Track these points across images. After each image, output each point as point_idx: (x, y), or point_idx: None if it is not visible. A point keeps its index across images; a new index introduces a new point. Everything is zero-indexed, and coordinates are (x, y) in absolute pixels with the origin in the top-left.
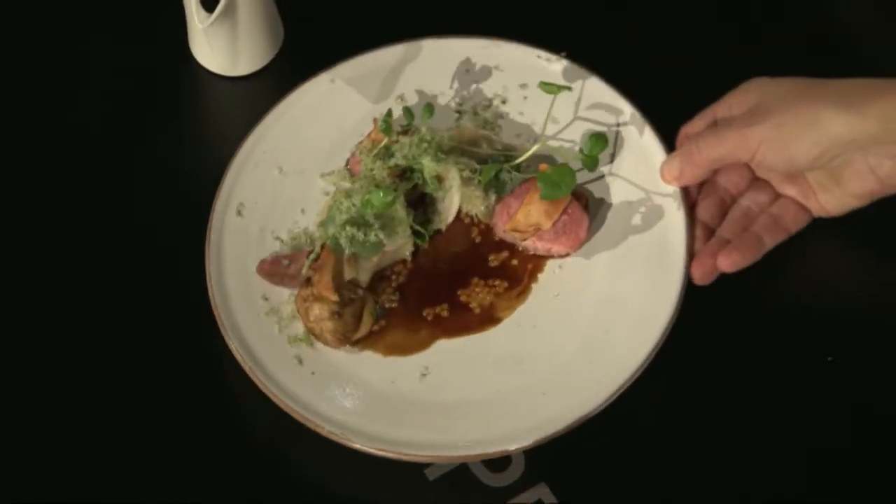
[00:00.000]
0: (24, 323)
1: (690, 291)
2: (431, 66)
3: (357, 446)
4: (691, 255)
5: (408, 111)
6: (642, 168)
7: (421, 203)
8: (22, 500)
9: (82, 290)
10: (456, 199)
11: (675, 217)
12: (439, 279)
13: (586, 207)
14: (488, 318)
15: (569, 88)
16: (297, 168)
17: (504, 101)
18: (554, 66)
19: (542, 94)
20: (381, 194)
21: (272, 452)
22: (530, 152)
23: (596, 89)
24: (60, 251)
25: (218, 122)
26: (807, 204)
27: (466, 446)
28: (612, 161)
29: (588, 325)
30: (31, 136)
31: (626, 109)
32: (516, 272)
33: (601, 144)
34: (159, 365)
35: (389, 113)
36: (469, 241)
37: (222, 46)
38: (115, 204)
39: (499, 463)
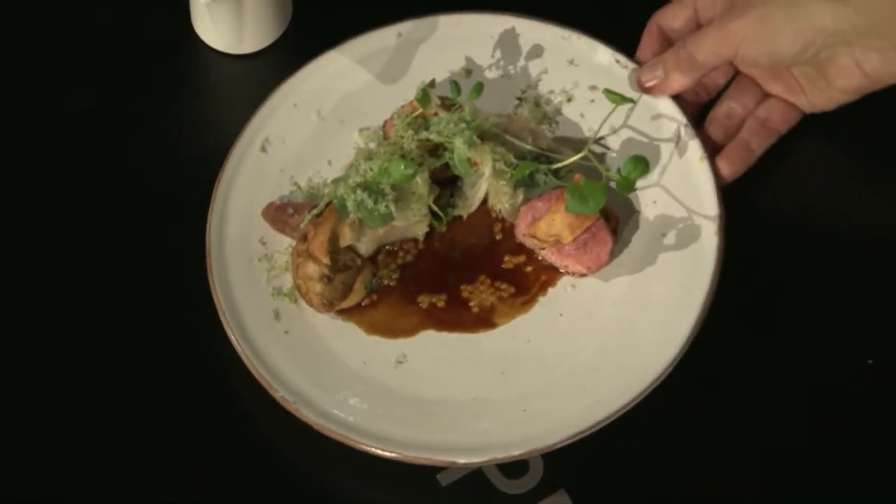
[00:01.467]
0: (20, 304)
1: (716, 299)
2: (504, 44)
3: (307, 418)
4: (716, 287)
5: (455, 85)
6: (685, 189)
7: (450, 184)
8: (22, 501)
9: (80, 273)
10: (483, 189)
11: (708, 244)
12: (446, 268)
13: (615, 230)
14: (484, 321)
15: (633, 102)
16: (338, 117)
17: (569, 99)
18: (630, 73)
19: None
20: (402, 166)
21: (277, 454)
22: (573, 159)
23: (663, 105)
24: (58, 233)
25: (221, 102)
26: (794, 101)
27: (423, 448)
28: (658, 177)
29: (588, 350)
30: (28, 116)
31: (683, 127)
32: (527, 280)
33: (640, 169)
34: (160, 356)
35: (433, 83)
36: (489, 237)
37: (226, 22)
38: (114, 186)
39: (516, 469)
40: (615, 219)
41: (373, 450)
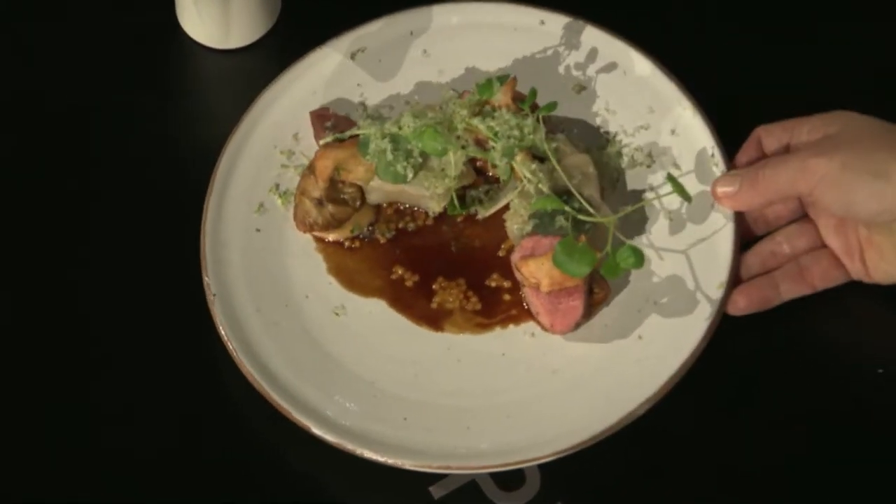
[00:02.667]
0: (12, 304)
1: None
2: (625, 78)
3: (216, 318)
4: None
5: (532, 92)
6: (688, 302)
7: (492, 182)
8: (21, 501)
9: (73, 272)
10: (504, 201)
11: (683, 354)
12: (437, 254)
13: (596, 304)
14: (433, 320)
15: (689, 201)
16: (441, 65)
17: (650, 165)
18: (715, 170)
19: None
20: (436, 139)
21: (270, 456)
22: (597, 219)
23: (724, 213)
24: (48, 230)
25: (208, 99)
26: (848, 263)
27: (304, 413)
28: (668, 272)
29: (500, 399)
30: (9, 113)
31: (726, 243)
32: (497, 306)
33: (632, 262)
34: (156, 358)
35: (507, 78)
36: (493, 248)
37: (213, 16)
38: (101, 183)
39: (511, 481)
40: (604, 293)
41: (252, 380)
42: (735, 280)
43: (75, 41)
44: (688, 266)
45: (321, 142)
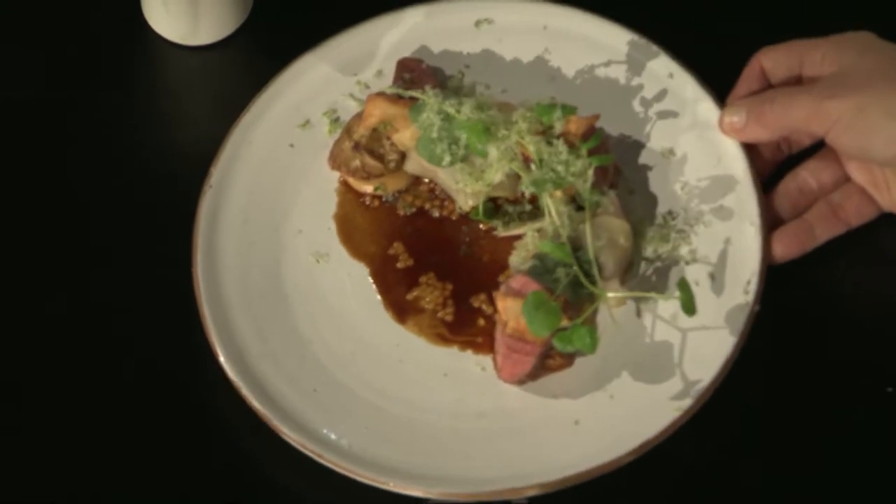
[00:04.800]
0: None
1: None
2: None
3: (200, 208)
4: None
5: (597, 135)
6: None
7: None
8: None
9: (51, 273)
10: (523, 229)
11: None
12: (443, 250)
13: (547, 370)
14: (401, 311)
15: (690, 315)
16: (558, 71)
17: (689, 263)
18: (742, 297)
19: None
20: (481, 138)
21: (260, 473)
22: (593, 290)
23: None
24: (22, 233)
25: (176, 98)
26: (876, 196)
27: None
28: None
29: (428, 418)
30: None
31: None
32: (468, 328)
33: (585, 342)
34: (146, 372)
35: (573, 109)
36: (496, 269)
37: (180, 10)
38: (59, 200)
39: None
40: (560, 364)
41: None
42: (768, 228)
43: (36, 36)
44: (661, 374)
45: (387, 89)
